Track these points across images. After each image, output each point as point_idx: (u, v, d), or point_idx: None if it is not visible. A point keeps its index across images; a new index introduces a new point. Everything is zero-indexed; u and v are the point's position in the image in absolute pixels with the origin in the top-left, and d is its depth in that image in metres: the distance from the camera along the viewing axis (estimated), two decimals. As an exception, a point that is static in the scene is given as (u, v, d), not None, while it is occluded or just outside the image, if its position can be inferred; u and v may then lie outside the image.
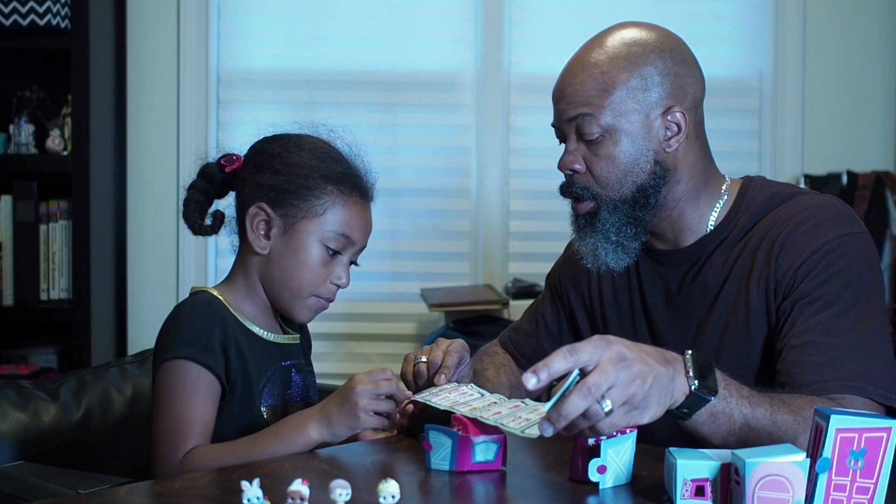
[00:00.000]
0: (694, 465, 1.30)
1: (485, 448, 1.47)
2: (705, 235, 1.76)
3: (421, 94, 3.65)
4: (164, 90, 3.59)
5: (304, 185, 1.67)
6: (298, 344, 1.78)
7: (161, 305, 3.39)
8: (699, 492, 1.30)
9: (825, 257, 1.64)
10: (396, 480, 1.18)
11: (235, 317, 1.68)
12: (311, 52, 3.65)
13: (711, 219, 1.76)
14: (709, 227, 1.76)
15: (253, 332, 1.69)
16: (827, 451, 1.24)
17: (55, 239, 3.33)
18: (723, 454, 1.31)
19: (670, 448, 1.34)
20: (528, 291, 3.38)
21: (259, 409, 1.67)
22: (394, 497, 1.17)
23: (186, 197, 1.72)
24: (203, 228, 1.71)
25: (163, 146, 3.60)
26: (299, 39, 3.65)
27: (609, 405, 1.29)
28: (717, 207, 1.76)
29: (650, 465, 1.44)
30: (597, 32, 1.74)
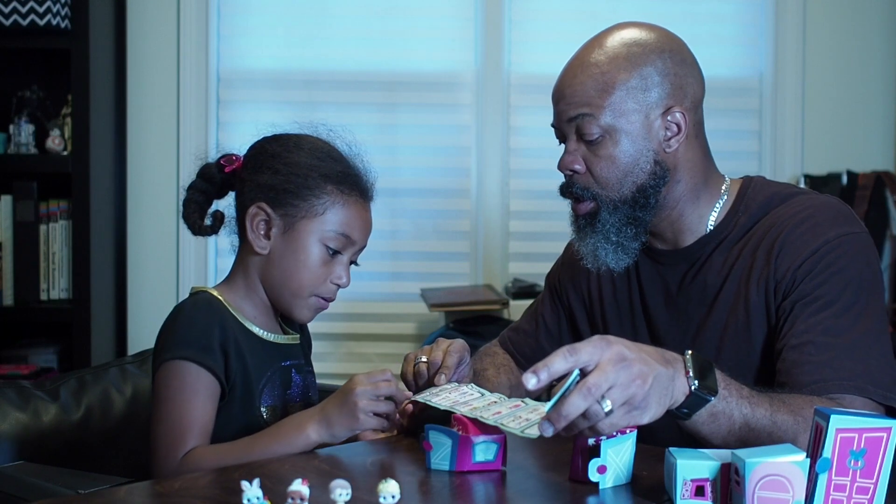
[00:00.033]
0: (694, 465, 1.30)
1: (485, 448, 1.47)
2: (705, 235, 1.76)
3: (421, 94, 3.65)
4: (164, 90, 3.59)
5: (303, 184, 1.67)
6: (298, 344, 1.78)
7: (161, 305, 3.39)
8: (699, 492, 1.30)
9: (825, 257, 1.64)
10: (396, 480, 1.18)
11: (235, 317, 1.68)
12: (311, 52, 3.64)
13: (711, 219, 1.76)
14: (708, 226, 1.76)
15: (253, 332, 1.69)
16: (827, 451, 1.24)
17: (55, 239, 3.33)
18: (723, 454, 1.31)
19: (670, 448, 1.34)
20: (528, 291, 3.38)
21: (259, 409, 1.67)
22: (394, 497, 1.17)
23: (186, 197, 1.72)
24: (203, 229, 1.71)
25: (163, 146, 3.60)
26: (299, 39, 3.65)
27: (609, 405, 1.29)
28: (716, 207, 1.76)
29: (650, 465, 1.44)
30: (597, 32, 1.75)
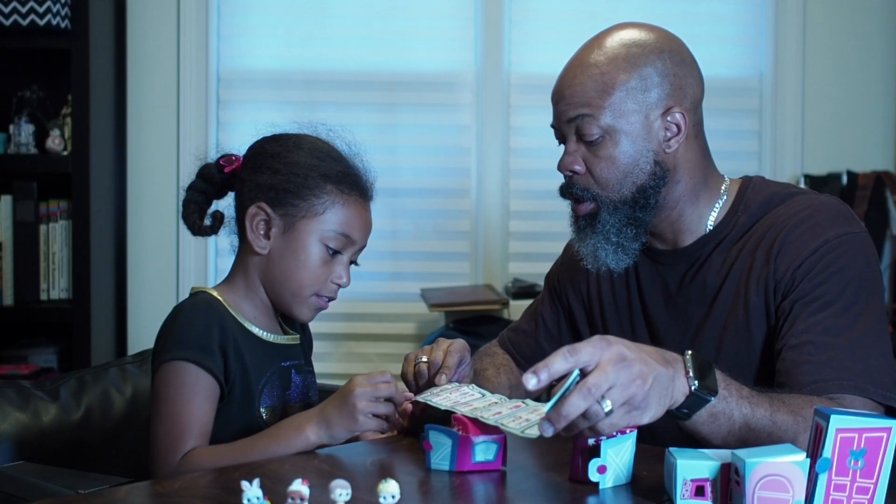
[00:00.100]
0: (694, 465, 1.30)
1: (485, 448, 1.47)
2: (704, 235, 1.76)
3: (421, 94, 3.65)
4: (164, 90, 3.59)
5: (303, 184, 1.67)
6: (298, 344, 1.78)
7: (161, 305, 3.39)
8: (699, 492, 1.30)
9: (824, 257, 1.64)
10: (396, 480, 1.18)
11: (235, 318, 1.68)
12: (311, 52, 3.64)
13: (711, 219, 1.76)
14: (708, 227, 1.76)
15: (252, 332, 1.69)
16: (827, 451, 1.24)
17: (55, 239, 3.33)
18: (723, 454, 1.31)
19: (670, 448, 1.34)
20: (528, 291, 3.38)
21: (258, 410, 1.67)
22: (394, 497, 1.17)
23: (185, 197, 1.72)
24: (202, 229, 1.71)
25: (163, 146, 3.60)
26: (299, 39, 3.65)
27: (609, 405, 1.29)
28: (716, 207, 1.76)
29: (650, 465, 1.44)
30: (596, 33, 1.75)
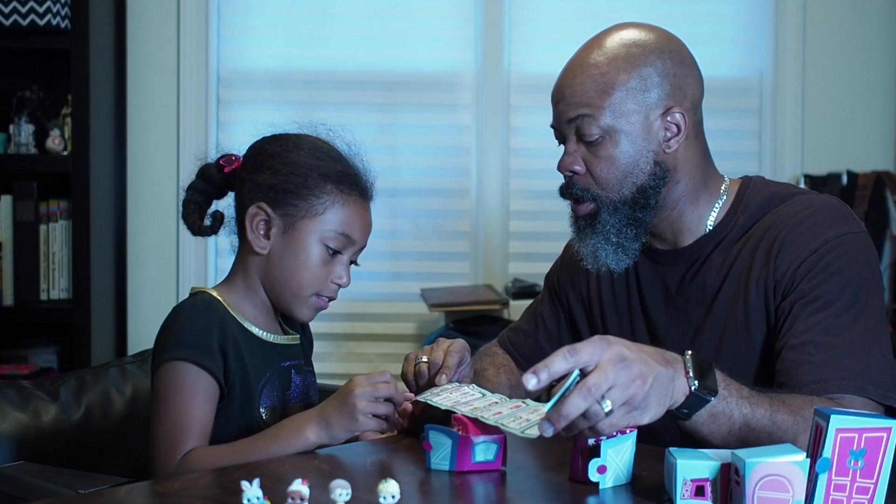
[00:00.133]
0: (694, 465, 1.30)
1: (485, 448, 1.47)
2: (704, 235, 1.76)
3: (421, 94, 3.65)
4: (164, 90, 3.59)
5: (303, 184, 1.67)
6: (298, 344, 1.78)
7: (161, 305, 3.39)
8: (699, 492, 1.30)
9: (824, 257, 1.64)
10: (396, 480, 1.18)
11: (234, 318, 1.68)
12: (311, 52, 3.64)
13: (710, 219, 1.76)
14: (708, 227, 1.76)
15: (252, 332, 1.69)
16: (827, 451, 1.24)
17: (55, 239, 3.33)
18: (723, 454, 1.31)
19: (670, 448, 1.34)
20: (528, 291, 3.38)
21: (258, 410, 1.67)
22: (394, 497, 1.17)
23: (185, 198, 1.72)
24: (202, 229, 1.71)
25: (163, 146, 3.60)
26: (299, 39, 3.65)
27: (609, 405, 1.29)
28: (716, 207, 1.76)
29: (650, 465, 1.44)
30: (596, 33, 1.75)
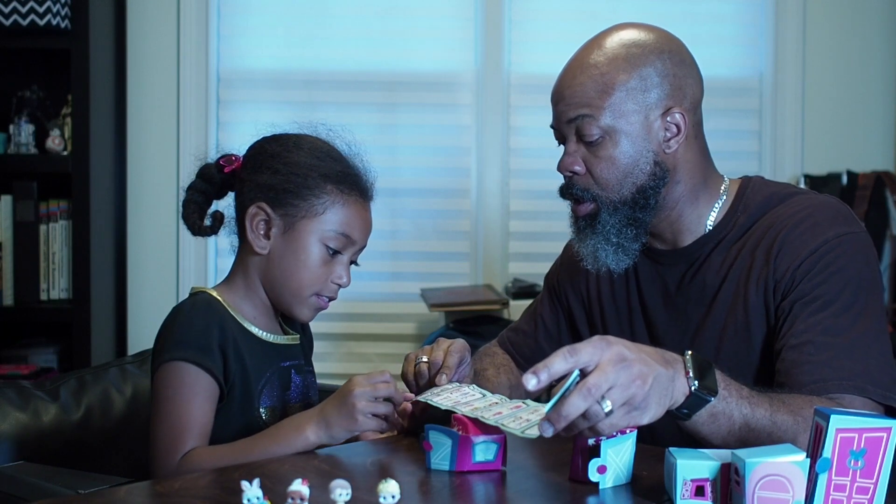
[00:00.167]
0: (694, 465, 1.30)
1: (485, 448, 1.47)
2: (704, 235, 1.76)
3: (421, 94, 3.65)
4: (164, 90, 3.59)
5: (303, 184, 1.67)
6: (298, 345, 1.78)
7: (161, 305, 3.39)
8: (699, 492, 1.30)
9: (824, 257, 1.64)
10: (396, 480, 1.18)
11: (234, 318, 1.68)
12: (311, 52, 3.64)
13: (710, 219, 1.76)
14: (707, 226, 1.76)
15: (252, 332, 1.69)
16: (827, 451, 1.24)
17: (55, 239, 3.33)
18: (723, 454, 1.31)
19: (670, 448, 1.34)
20: (528, 291, 3.38)
21: (258, 410, 1.67)
22: (394, 497, 1.17)
23: (185, 198, 1.72)
24: (202, 229, 1.71)
25: (163, 146, 3.60)
26: (299, 39, 3.65)
27: (609, 406, 1.29)
28: (715, 207, 1.76)
29: (650, 465, 1.44)
30: (596, 33, 1.74)
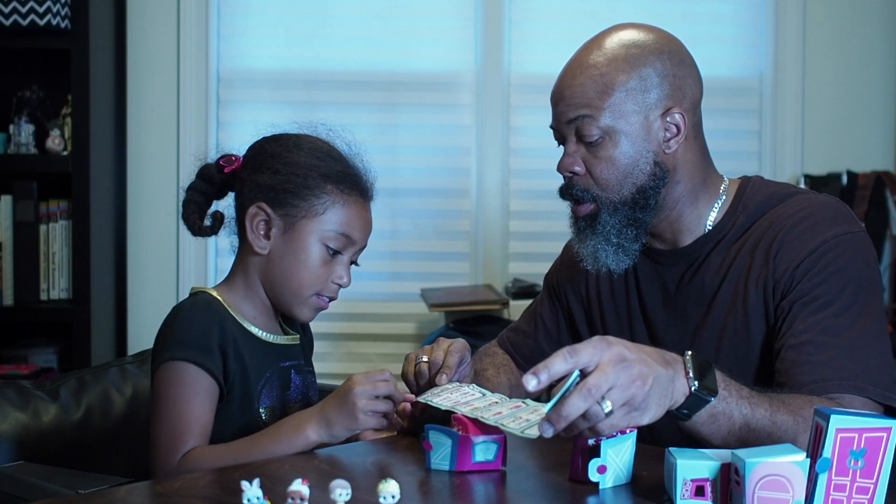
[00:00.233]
0: (694, 465, 1.30)
1: (485, 448, 1.47)
2: (703, 235, 1.76)
3: (421, 94, 3.65)
4: (164, 90, 3.59)
5: (303, 184, 1.67)
6: (298, 345, 1.78)
7: (161, 305, 3.38)
8: (699, 492, 1.30)
9: (823, 256, 1.64)
10: (396, 480, 1.18)
11: (234, 318, 1.68)
12: (311, 52, 3.64)
13: (710, 219, 1.76)
14: (707, 226, 1.76)
15: (252, 333, 1.69)
16: (827, 451, 1.24)
17: (55, 239, 3.33)
18: (723, 454, 1.31)
19: (670, 448, 1.34)
20: (528, 291, 3.38)
21: (258, 410, 1.67)
22: (394, 497, 1.17)
23: (185, 198, 1.72)
24: (202, 229, 1.71)
25: (163, 146, 3.60)
26: (299, 39, 3.65)
27: (609, 406, 1.29)
28: (715, 207, 1.76)
29: (650, 465, 1.44)
30: (596, 33, 1.74)
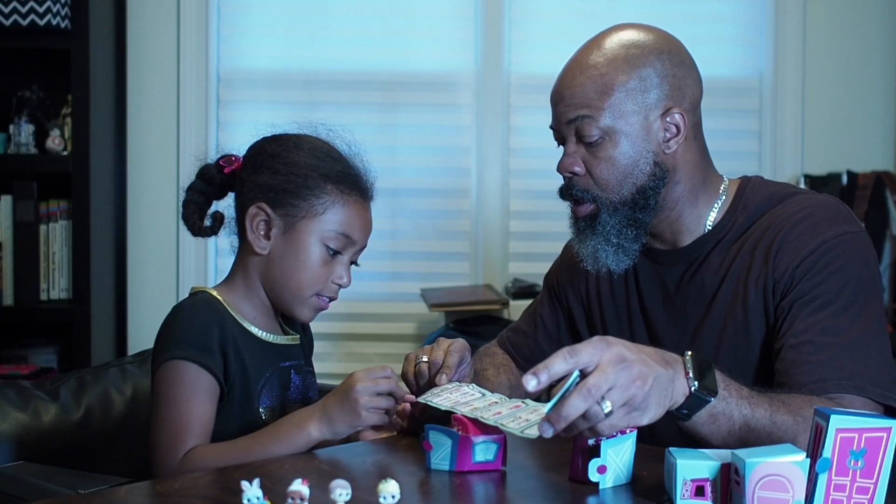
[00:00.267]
0: (694, 465, 1.30)
1: (485, 448, 1.47)
2: (703, 235, 1.76)
3: (421, 94, 3.65)
4: (164, 90, 3.59)
5: (303, 184, 1.67)
6: (298, 345, 1.78)
7: (161, 305, 3.38)
8: (699, 492, 1.30)
9: (823, 256, 1.64)
10: (396, 480, 1.18)
11: (234, 318, 1.68)
12: (311, 52, 3.65)
13: (709, 219, 1.76)
14: (707, 227, 1.76)
15: (252, 332, 1.69)
16: (827, 451, 1.24)
17: (55, 239, 3.33)
18: (723, 454, 1.31)
19: (670, 448, 1.34)
20: (528, 291, 3.38)
21: (257, 410, 1.67)
22: (394, 497, 1.17)
23: (185, 198, 1.72)
24: (202, 230, 1.71)
25: (163, 146, 3.60)
26: (299, 39, 3.65)
27: (609, 406, 1.29)
28: (715, 208, 1.76)
29: (650, 465, 1.44)
30: (595, 33, 1.74)
